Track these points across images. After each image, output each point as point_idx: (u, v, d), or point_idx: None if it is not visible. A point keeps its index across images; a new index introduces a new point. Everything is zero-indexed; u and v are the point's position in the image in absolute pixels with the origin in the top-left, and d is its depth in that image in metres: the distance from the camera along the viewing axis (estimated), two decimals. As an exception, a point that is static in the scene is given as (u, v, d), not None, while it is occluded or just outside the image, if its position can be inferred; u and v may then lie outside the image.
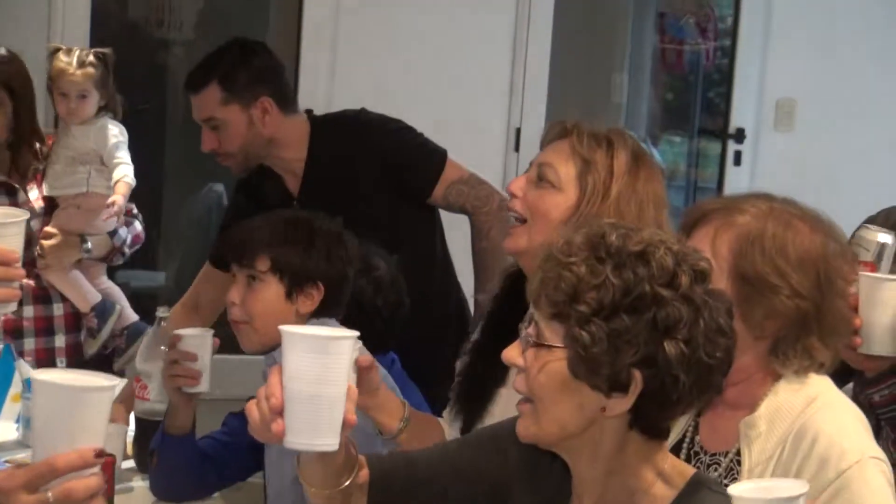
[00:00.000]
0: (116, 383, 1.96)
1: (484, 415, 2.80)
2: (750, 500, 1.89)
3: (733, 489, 1.87)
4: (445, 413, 2.93)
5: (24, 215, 2.45)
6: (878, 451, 2.32)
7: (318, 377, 1.97)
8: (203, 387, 3.26)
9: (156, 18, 6.87)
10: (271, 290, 3.14)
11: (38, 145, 4.33)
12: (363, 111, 4.24)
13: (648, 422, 2.00)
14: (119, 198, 4.26)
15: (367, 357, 2.43)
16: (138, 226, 4.54)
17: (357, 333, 2.07)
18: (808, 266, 2.37)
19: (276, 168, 4.21)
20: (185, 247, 6.99)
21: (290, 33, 6.55)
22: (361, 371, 2.34)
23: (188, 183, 6.96)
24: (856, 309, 2.60)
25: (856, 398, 2.85)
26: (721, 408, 2.43)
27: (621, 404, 1.95)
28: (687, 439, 2.46)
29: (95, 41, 5.75)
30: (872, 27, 6.58)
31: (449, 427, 2.90)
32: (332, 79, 6.34)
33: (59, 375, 1.94)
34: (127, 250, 4.50)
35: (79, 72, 4.29)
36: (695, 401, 2.00)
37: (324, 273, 3.14)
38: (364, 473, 2.20)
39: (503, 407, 2.76)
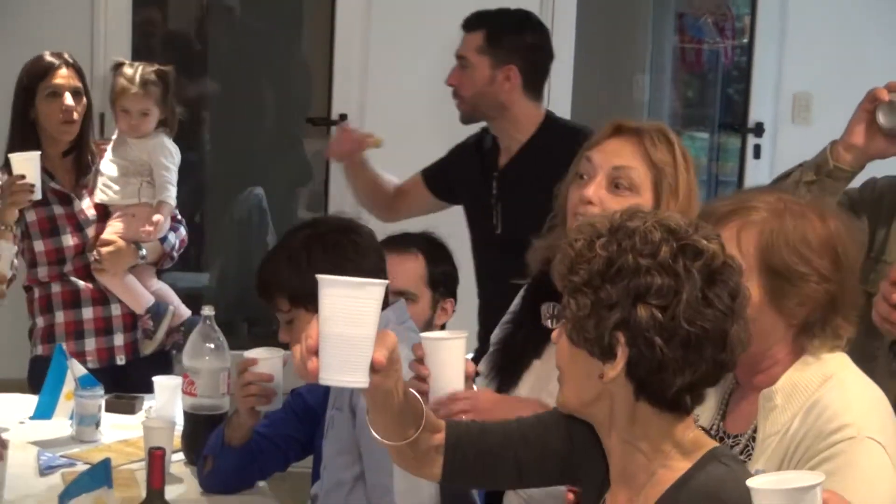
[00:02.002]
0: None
1: (518, 383, 2.80)
2: (767, 492, 1.88)
3: (751, 482, 1.87)
4: (479, 380, 2.90)
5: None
6: (882, 435, 2.26)
7: (347, 318, 2.03)
8: (276, 404, 3.27)
9: (193, 31, 6.89)
10: (302, 321, 3.12)
11: (90, 156, 4.35)
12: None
13: (649, 391, 2.01)
14: (161, 217, 4.35)
15: (472, 367, 2.47)
16: (183, 231, 4.57)
17: (387, 282, 2.13)
18: (829, 250, 2.38)
19: (499, 138, 4.27)
20: (227, 248, 7.01)
21: (322, 41, 6.56)
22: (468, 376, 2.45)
23: (229, 187, 6.98)
24: None
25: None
26: (748, 392, 2.43)
27: (614, 369, 1.99)
28: (714, 426, 2.45)
29: (137, 52, 5.77)
30: (886, 21, 6.55)
31: None
32: (363, 82, 6.35)
33: None
34: (175, 255, 4.55)
35: (141, 91, 4.34)
36: (689, 371, 1.98)
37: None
38: (440, 436, 2.26)
39: (535, 377, 2.79)
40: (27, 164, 4.04)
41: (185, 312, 4.48)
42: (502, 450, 2.27)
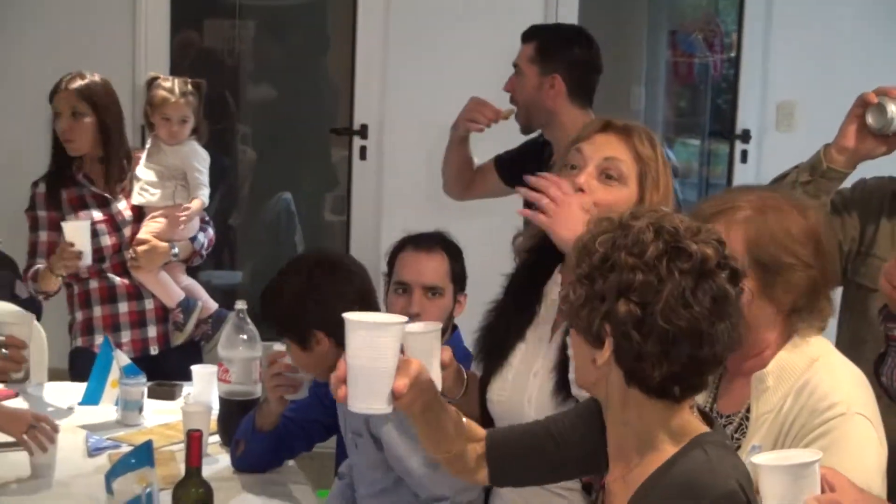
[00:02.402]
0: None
1: (505, 364, 2.77)
2: (770, 468, 1.88)
3: (756, 458, 1.90)
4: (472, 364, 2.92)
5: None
6: (867, 410, 2.29)
7: (369, 354, 2.10)
8: (303, 393, 3.27)
9: (226, 49, 6.89)
10: (293, 352, 3.19)
11: (125, 161, 4.36)
12: None
13: (637, 379, 2.00)
14: (194, 205, 4.40)
15: (448, 354, 2.44)
16: (211, 231, 4.59)
17: (405, 319, 2.19)
18: (810, 240, 2.39)
19: (552, 144, 4.24)
20: (258, 249, 7.02)
21: (345, 57, 6.56)
22: (443, 363, 2.39)
23: (260, 193, 6.98)
24: None
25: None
26: (737, 376, 2.44)
27: (602, 356, 2.00)
28: (707, 407, 2.45)
29: (174, 68, 5.78)
30: (866, 34, 6.54)
31: None
32: (382, 95, 6.35)
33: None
34: (204, 253, 4.56)
35: (181, 100, 4.37)
36: (666, 364, 1.97)
37: (321, 320, 3.09)
38: (481, 445, 2.31)
39: (521, 358, 2.76)
40: (77, 233, 4.10)
41: (213, 306, 4.49)
42: (537, 451, 2.27)
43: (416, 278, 3.32)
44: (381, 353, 2.12)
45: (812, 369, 2.34)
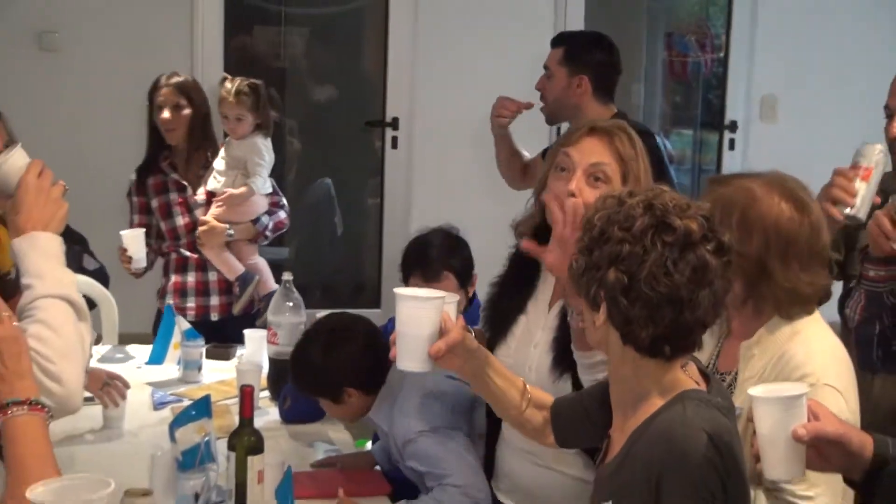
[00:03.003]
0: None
1: (507, 335, 2.74)
2: (763, 400, 1.90)
3: (752, 390, 1.91)
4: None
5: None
6: (839, 382, 2.24)
7: (412, 322, 2.22)
8: None
9: (274, 52, 6.89)
10: (329, 408, 3.14)
11: (209, 154, 4.37)
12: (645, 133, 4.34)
13: (629, 339, 1.99)
14: (238, 191, 4.35)
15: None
16: (282, 214, 4.56)
17: (443, 295, 2.30)
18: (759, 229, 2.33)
19: None
20: (302, 228, 7.02)
21: (378, 57, 6.57)
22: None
23: (304, 179, 6.98)
24: None
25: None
26: (734, 339, 2.41)
27: (599, 318, 2.00)
28: (711, 363, 2.43)
29: (228, 70, 5.78)
30: (841, 36, 6.49)
31: None
32: (411, 91, 6.35)
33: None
34: (269, 234, 4.53)
35: (234, 100, 4.34)
36: (651, 327, 1.95)
37: (346, 379, 3.04)
38: (545, 413, 2.34)
39: (523, 330, 2.73)
40: (132, 241, 4.11)
41: (272, 286, 4.46)
42: (587, 415, 2.25)
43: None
44: (421, 322, 2.21)
45: (791, 342, 2.29)
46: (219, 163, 4.37)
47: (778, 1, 6.66)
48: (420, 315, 2.23)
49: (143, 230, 4.19)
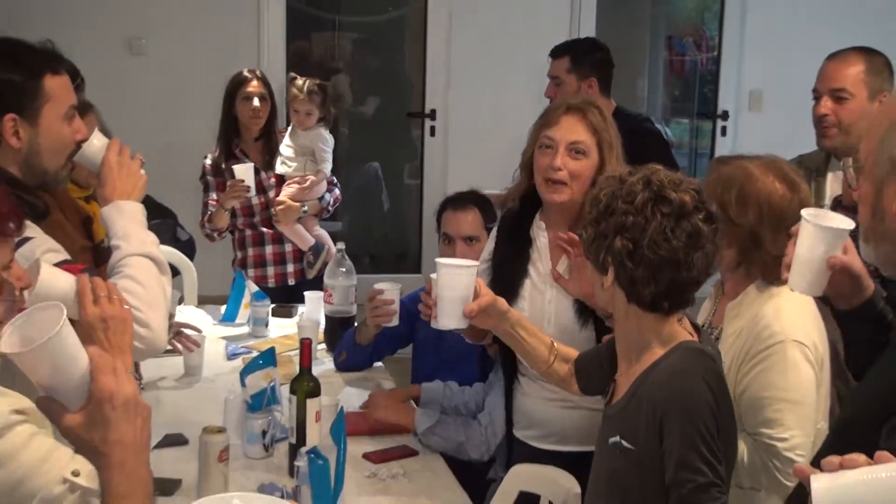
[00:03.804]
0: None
1: (517, 298, 2.68)
2: (817, 226, 1.90)
3: (805, 212, 1.91)
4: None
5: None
6: (806, 339, 2.19)
7: (448, 286, 2.28)
8: (395, 322, 3.25)
9: (328, 54, 6.89)
10: None
11: (275, 141, 4.37)
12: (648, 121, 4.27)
13: (634, 297, 2.00)
14: (317, 177, 4.40)
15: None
16: (337, 191, 4.59)
17: (476, 263, 2.37)
18: (754, 203, 2.27)
19: None
20: (354, 204, 7.04)
21: (418, 56, 6.54)
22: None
23: (355, 162, 6.99)
24: None
25: None
26: (726, 298, 2.38)
27: (607, 281, 2.01)
28: (708, 321, 2.41)
29: (290, 69, 5.79)
30: (819, 37, 6.41)
31: None
32: (446, 86, 6.32)
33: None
34: (330, 209, 4.57)
35: (306, 97, 4.36)
36: (653, 285, 1.96)
37: None
38: (571, 365, 2.35)
39: (530, 291, 2.69)
40: (246, 172, 4.12)
41: (334, 252, 4.48)
42: (601, 366, 2.24)
43: (457, 231, 3.26)
44: (457, 286, 2.26)
45: (765, 305, 2.24)
46: (286, 150, 4.38)
47: (764, 8, 6.60)
48: (456, 280, 2.26)
49: (253, 164, 4.21)
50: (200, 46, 5.81)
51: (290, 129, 4.45)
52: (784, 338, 2.17)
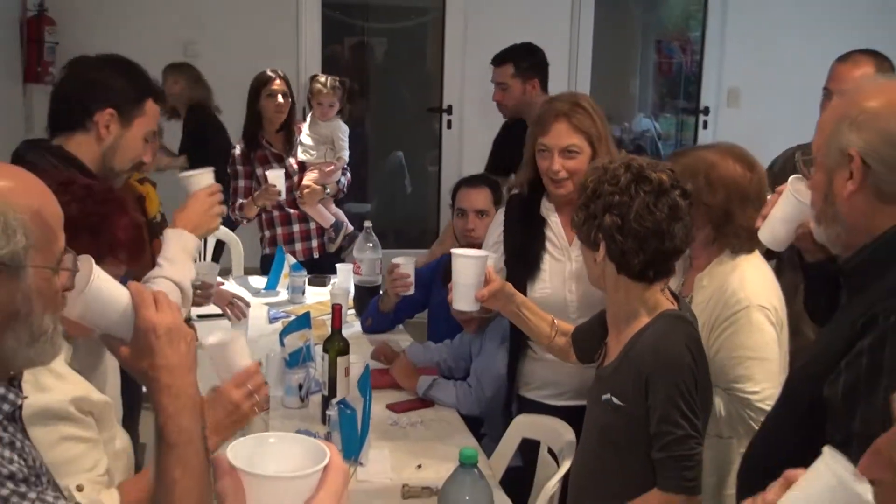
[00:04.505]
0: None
1: (538, 270, 2.64)
2: (797, 190, 1.86)
3: (793, 178, 1.86)
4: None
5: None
6: (769, 303, 2.18)
7: (462, 274, 2.25)
8: (411, 291, 3.25)
9: (359, 56, 6.87)
10: None
11: (294, 132, 4.36)
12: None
13: (623, 268, 1.98)
14: (338, 163, 4.38)
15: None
16: (348, 175, 4.55)
17: (487, 254, 2.34)
18: (721, 185, 2.26)
19: (529, 119, 4.11)
20: (381, 188, 7.04)
21: (437, 57, 6.51)
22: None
23: (382, 151, 6.98)
24: None
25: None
26: (693, 271, 2.36)
27: (599, 255, 2.00)
28: (678, 289, 2.39)
29: (325, 69, 5.79)
30: (789, 43, 6.37)
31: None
32: (462, 83, 6.29)
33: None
34: (345, 190, 4.54)
35: (330, 91, 4.35)
36: (641, 255, 1.94)
37: None
38: (568, 338, 2.33)
39: (550, 264, 2.64)
40: (278, 178, 4.10)
41: (351, 228, 4.50)
42: (594, 336, 2.23)
43: (470, 206, 3.28)
44: (470, 273, 2.25)
45: (731, 275, 2.23)
46: (306, 139, 4.36)
47: (742, 17, 6.54)
48: (469, 268, 2.25)
49: (284, 170, 4.18)
50: (246, 49, 5.78)
51: (308, 120, 4.43)
52: (749, 303, 2.16)
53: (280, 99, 4.25)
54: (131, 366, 1.35)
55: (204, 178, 2.40)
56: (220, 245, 4.72)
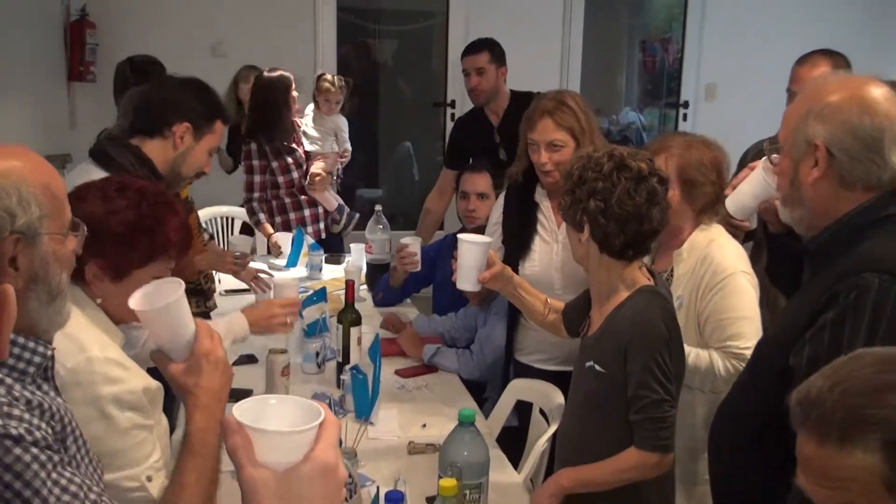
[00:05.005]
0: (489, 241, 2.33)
1: (529, 250, 2.67)
2: (766, 171, 1.89)
3: (764, 161, 1.88)
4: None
5: None
6: (746, 267, 2.26)
7: (465, 257, 2.26)
8: (418, 267, 3.26)
9: (371, 56, 6.84)
10: None
11: (294, 126, 4.35)
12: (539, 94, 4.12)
13: (605, 247, 1.98)
14: (345, 155, 4.44)
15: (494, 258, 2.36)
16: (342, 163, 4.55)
17: (489, 240, 2.31)
18: (714, 167, 2.31)
19: (489, 109, 4.16)
20: (390, 175, 7.02)
21: (441, 59, 6.47)
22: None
23: (392, 142, 6.96)
24: None
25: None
26: (666, 249, 2.38)
27: (584, 236, 1.99)
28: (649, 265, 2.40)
29: (340, 69, 5.77)
30: (760, 43, 6.34)
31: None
32: (463, 79, 6.25)
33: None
34: (341, 177, 4.58)
35: (336, 89, 4.35)
36: (623, 236, 1.94)
37: None
38: (559, 315, 2.32)
39: (539, 245, 2.66)
40: (286, 242, 4.10)
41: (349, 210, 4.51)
42: (579, 312, 2.22)
43: (472, 189, 3.28)
44: (473, 257, 2.25)
45: (710, 246, 2.29)
46: (311, 131, 4.37)
47: (718, 19, 6.49)
48: (473, 252, 2.25)
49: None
50: (269, 50, 5.74)
51: (311, 114, 4.41)
52: (733, 270, 2.21)
53: (298, 100, 4.29)
54: (179, 381, 1.41)
55: (287, 290, 2.64)
56: (245, 229, 4.72)
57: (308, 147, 4.34)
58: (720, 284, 2.20)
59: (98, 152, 2.32)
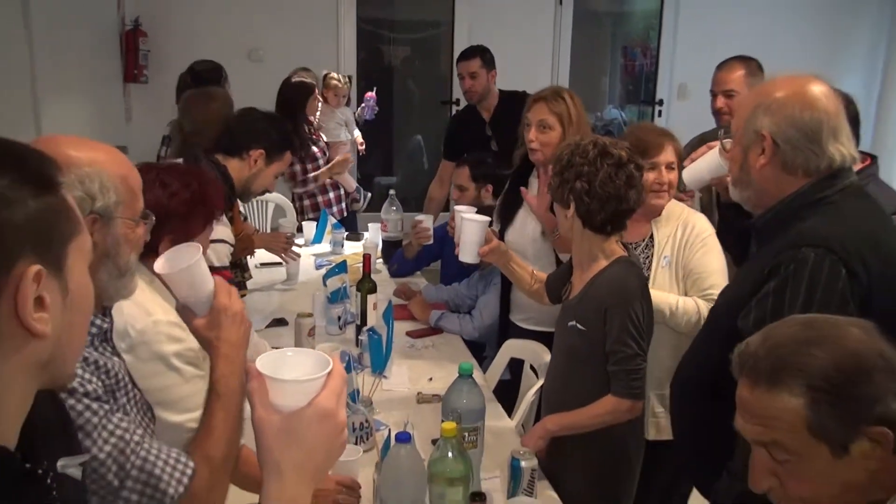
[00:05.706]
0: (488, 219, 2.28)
1: (513, 221, 2.68)
2: (719, 160, 1.97)
3: (722, 142, 1.85)
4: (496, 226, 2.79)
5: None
6: (706, 230, 2.30)
7: (466, 233, 2.26)
8: (430, 240, 3.26)
9: (386, 60, 6.80)
10: None
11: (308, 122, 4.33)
12: (524, 92, 3.96)
13: (588, 223, 1.97)
14: (359, 143, 4.49)
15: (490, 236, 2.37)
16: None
17: (489, 218, 2.28)
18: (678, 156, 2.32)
19: (482, 106, 4.11)
20: (404, 164, 7.01)
21: (448, 61, 6.43)
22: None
23: (405, 135, 6.94)
24: None
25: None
26: (637, 223, 2.34)
27: (570, 212, 1.98)
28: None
29: (359, 71, 5.74)
30: (730, 43, 6.25)
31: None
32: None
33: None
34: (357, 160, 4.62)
35: (344, 86, 4.35)
36: (602, 213, 1.93)
37: None
38: (541, 286, 2.32)
39: (521, 218, 2.67)
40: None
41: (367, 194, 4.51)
42: (562, 281, 2.21)
43: (454, 181, 3.33)
44: (474, 232, 2.24)
45: (687, 214, 2.33)
46: (329, 123, 4.38)
47: (689, 30, 6.46)
48: (474, 229, 2.24)
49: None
50: (299, 54, 5.70)
51: (321, 109, 4.38)
52: (710, 232, 2.26)
53: (314, 105, 4.28)
54: (202, 334, 1.39)
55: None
56: (278, 211, 4.74)
57: (329, 137, 4.35)
58: (704, 241, 2.25)
59: (193, 158, 2.46)
